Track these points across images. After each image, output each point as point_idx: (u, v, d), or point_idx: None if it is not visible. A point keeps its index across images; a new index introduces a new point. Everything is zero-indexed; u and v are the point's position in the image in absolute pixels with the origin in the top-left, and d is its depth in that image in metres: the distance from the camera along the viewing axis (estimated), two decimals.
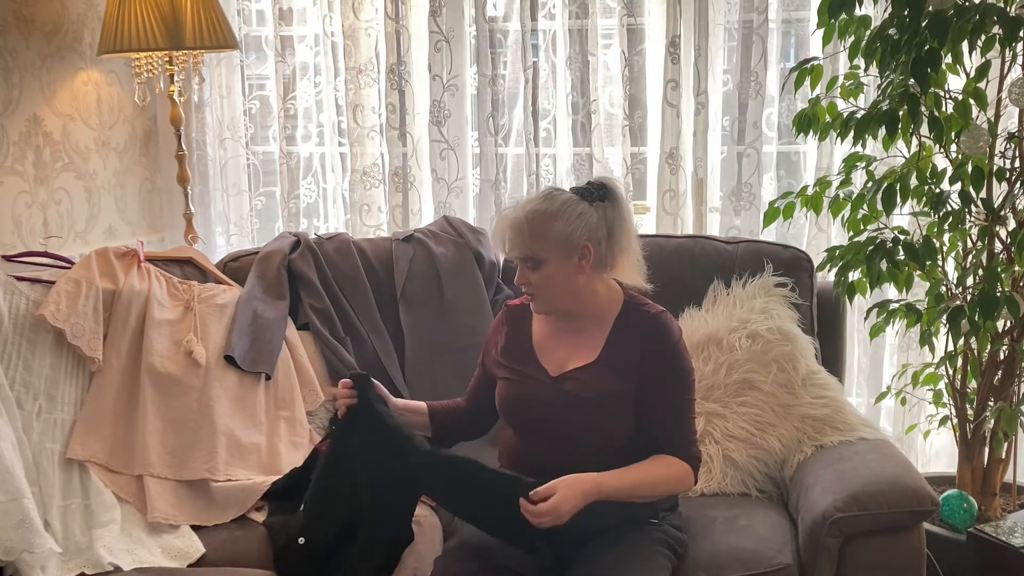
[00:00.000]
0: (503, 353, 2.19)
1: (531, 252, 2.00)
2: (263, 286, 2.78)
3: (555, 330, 2.15)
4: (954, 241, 2.63)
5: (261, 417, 2.56)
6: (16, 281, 2.39)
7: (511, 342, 2.19)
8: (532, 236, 1.99)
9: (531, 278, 2.03)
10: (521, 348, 2.16)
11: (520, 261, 2.03)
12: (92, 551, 2.14)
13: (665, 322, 2.09)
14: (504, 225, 2.03)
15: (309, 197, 3.50)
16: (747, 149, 3.13)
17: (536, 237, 1.99)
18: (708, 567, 2.09)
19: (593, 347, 2.09)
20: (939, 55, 2.26)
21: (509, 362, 2.17)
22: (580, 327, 2.11)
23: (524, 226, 2.00)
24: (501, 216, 2.07)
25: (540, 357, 2.13)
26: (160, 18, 2.92)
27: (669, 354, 2.07)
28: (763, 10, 3.04)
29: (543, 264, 2.01)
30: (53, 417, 2.33)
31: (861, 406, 3.18)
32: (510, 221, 2.02)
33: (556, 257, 2.00)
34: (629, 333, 2.08)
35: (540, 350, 2.14)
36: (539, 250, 2.00)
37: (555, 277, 2.02)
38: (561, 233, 1.99)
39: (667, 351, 2.07)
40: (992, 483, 2.68)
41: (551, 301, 2.06)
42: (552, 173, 3.32)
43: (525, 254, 2.01)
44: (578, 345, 2.10)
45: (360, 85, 3.31)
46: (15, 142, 2.86)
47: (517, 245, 2.01)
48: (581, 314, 2.10)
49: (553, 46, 3.24)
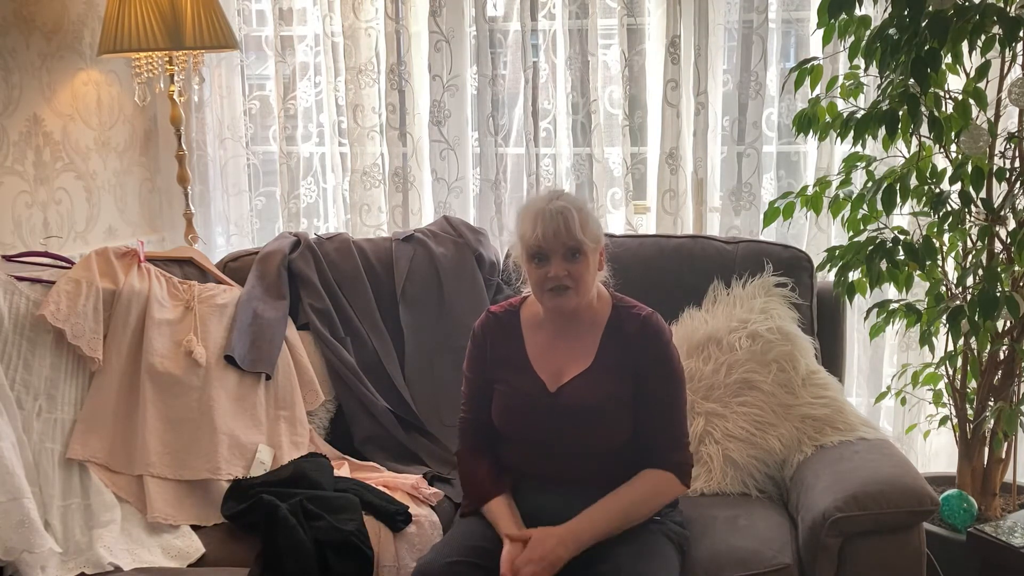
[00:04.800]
0: (496, 364, 2.16)
1: (578, 243, 2.00)
2: (263, 286, 2.78)
3: (549, 338, 2.14)
4: (954, 241, 2.63)
5: (261, 417, 2.56)
6: (16, 281, 2.39)
7: (503, 352, 2.16)
8: (582, 226, 2.00)
9: (571, 269, 2.02)
10: (516, 359, 2.14)
11: (561, 253, 2.01)
12: (92, 551, 2.14)
13: (656, 324, 2.11)
14: (548, 212, 2.00)
15: (309, 197, 3.50)
16: (747, 149, 3.13)
17: (583, 227, 2.01)
18: (708, 567, 2.09)
19: (587, 353, 2.10)
20: (939, 55, 2.26)
21: (504, 373, 2.15)
22: (575, 332, 2.11)
23: (575, 216, 2.00)
24: (537, 209, 2.03)
25: (537, 368, 2.12)
26: (160, 18, 2.92)
27: (662, 356, 2.09)
28: (763, 10, 3.04)
29: (582, 256, 2.02)
30: (53, 417, 2.33)
31: (861, 406, 3.18)
32: (557, 209, 2.00)
33: (591, 250, 2.04)
34: (621, 336, 2.09)
35: (536, 361, 2.13)
36: (585, 241, 2.01)
37: (590, 269, 2.04)
38: (595, 228, 2.05)
39: (659, 353, 2.08)
40: (992, 483, 2.67)
41: (584, 294, 2.05)
42: (552, 173, 3.32)
43: (572, 245, 2.00)
44: (573, 352, 2.10)
45: (360, 85, 3.31)
46: (15, 142, 2.86)
47: (565, 235, 1.99)
48: (579, 317, 2.11)
49: (553, 46, 3.24)
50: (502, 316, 2.20)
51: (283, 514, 2.16)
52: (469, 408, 2.22)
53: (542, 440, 2.09)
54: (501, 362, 2.16)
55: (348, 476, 2.48)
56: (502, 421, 2.14)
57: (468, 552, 2.00)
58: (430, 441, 2.70)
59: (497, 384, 2.15)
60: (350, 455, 2.66)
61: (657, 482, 2.05)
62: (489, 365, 2.17)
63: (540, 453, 2.09)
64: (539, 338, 2.15)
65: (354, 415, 2.71)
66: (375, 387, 2.73)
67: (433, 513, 2.39)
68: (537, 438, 2.09)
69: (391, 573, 2.23)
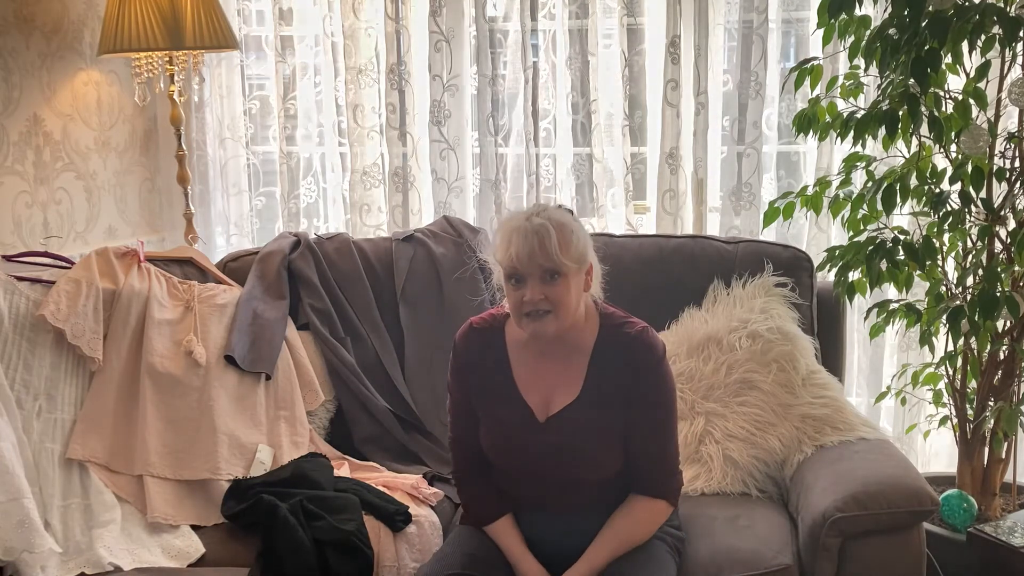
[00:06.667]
0: (482, 393, 2.05)
1: (555, 264, 1.87)
2: (263, 286, 2.78)
3: (535, 360, 2.03)
4: (954, 241, 2.63)
5: (261, 417, 2.56)
6: (16, 281, 2.39)
7: (488, 378, 2.04)
8: (560, 246, 1.87)
9: (548, 293, 1.89)
10: (503, 385, 2.03)
11: (538, 275, 1.89)
12: (92, 551, 2.14)
13: (647, 342, 1.99)
14: (525, 232, 1.88)
15: (309, 197, 3.50)
16: (747, 149, 3.13)
17: (563, 247, 1.88)
18: (708, 567, 2.09)
19: (575, 380, 2.00)
20: (939, 55, 2.26)
21: (491, 404, 2.04)
22: (562, 354, 2.01)
23: (552, 235, 1.87)
24: (513, 226, 1.90)
25: (524, 394, 2.01)
26: (160, 18, 2.92)
27: (653, 380, 1.98)
28: (763, 10, 3.04)
29: (562, 278, 1.89)
30: (53, 417, 2.33)
31: (861, 406, 3.18)
32: (534, 229, 1.87)
33: (573, 272, 1.91)
34: (610, 360, 1.99)
35: (524, 386, 2.02)
36: (564, 262, 1.88)
37: (571, 292, 1.91)
38: (580, 247, 1.92)
39: (650, 377, 1.98)
40: (992, 483, 2.67)
41: (564, 319, 1.92)
42: (552, 173, 3.32)
43: (548, 267, 1.88)
44: (560, 378, 2.01)
45: (360, 85, 3.31)
46: (15, 142, 2.86)
47: (541, 256, 1.86)
48: (564, 339, 1.99)
49: (553, 46, 3.24)
50: (485, 332, 2.08)
51: (283, 514, 2.15)
52: (456, 427, 2.12)
53: (533, 471, 2.02)
54: (485, 387, 2.05)
55: (348, 476, 2.48)
56: (492, 452, 2.06)
57: (469, 563, 1.97)
58: (430, 441, 2.71)
59: (483, 414, 2.05)
60: (350, 455, 2.66)
61: (651, 510, 2.02)
62: (473, 392, 2.06)
63: (532, 481, 2.03)
64: (525, 359, 2.03)
65: (354, 415, 2.71)
66: (375, 387, 2.73)
67: (433, 513, 2.39)
68: (528, 469, 2.03)
69: (391, 573, 2.23)
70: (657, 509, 2.03)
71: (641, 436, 1.99)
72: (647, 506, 2.02)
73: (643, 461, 2.01)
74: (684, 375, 2.55)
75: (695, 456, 2.48)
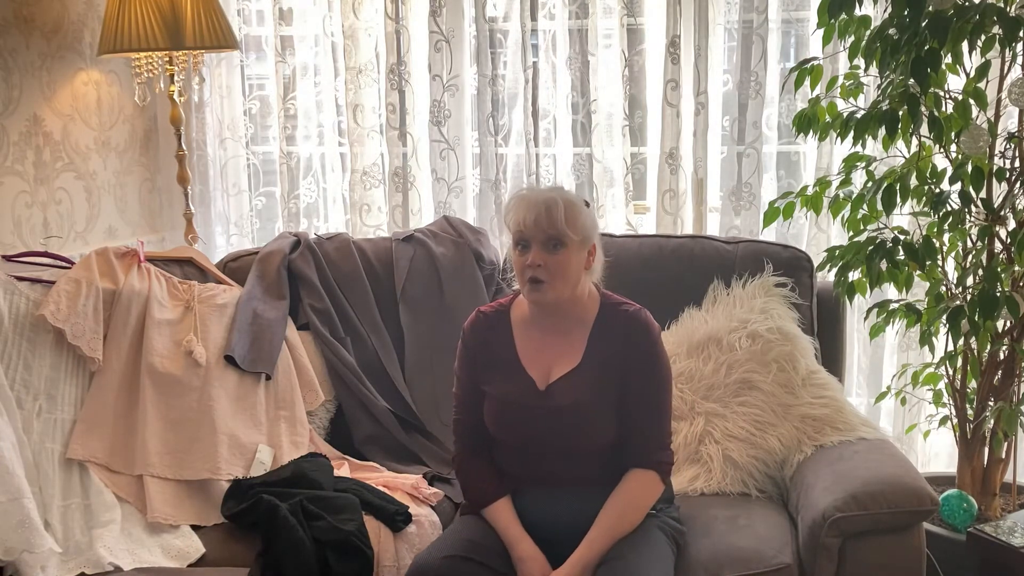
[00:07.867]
0: (486, 367, 2.15)
1: (559, 233, 1.99)
2: (263, 286, 2.78)
3: (539, 335, 2.13)
4: (954, 241, 2.63)
5: (261, 417, 2.56)
6: (16, 281, 2.39)
7: (493, 353, 2.15)
8: (566, 218, 1.99)
9: (548, 260, 2.00)
10: (506, 359, 2.13)
11: (541, 241, 2.00)
12: (92, 551, 2.14)
13: (643, 320, 2.11)
14: (534, 201, 2.00)
15: (309, 197, 3.50)
16: (747, 149, 3.13)
17: (568, 220, 2.00)
18: (708, 566, 2.09)
19: (575, 350, 2.10)
20: (939, 55, 2.26)
21: (495, 377, 2.14)
22: (564, 329, 2.11)
23: (560, 206, 1.99)
24: (524, 196, 2.04)
25: (527, 366, 2.11)
26: (160, 18, 2.92)
27: (649, 352, 2.08)
28: (763, 10, 3.04)
29: (563, 249, 2.00)
30: (53, 417, 2.33)
31: (861, 406, 3.18)
32: (543, 198, 2.00)
33: (576, 246, 2.02)
34: (609, 333, 2.09)
35: (526, 359, 2.12)
36: (567, 233, 1.99)
37: (571, 264, 2.02)
38: (585, 225, 2.03)
39: (646, 350, 2.08)
40: (992, 483, 2.67)
41: (560, 289, 2.03)
42: (552, 173, 3.32)
43: (552, 234, 1.99)
44: (561, 351, 2.10)
45: (360, 85, 3.31)
46: (15, 142, 2.86)
47: (546, 223, 1.99)
48: (567, 314, 2.10)
49: (553, 46, 3.24)
50: (491, 316, 2.19)
51: (283, 514, 2.16)
52: (461, 409, 2.20)
53: (534, 440, 2.08)
54: (491, 365, 2.14)
55: (348, 476, 2.48)
56: (494, 425, 2.13)
57: (463, 546, 2.01)
58: (430, 441, 2.71)
59: (488, 388, 2.14)
60: (350, 455, 2.66)
61: (644, 483, 2.06)
62: (479, 369, 2.15)
63: (533, 455, 2.09)
64: (529, 336, 2.14)
65: (354, 415, 2.71)
66: (375, 387, 2.73)
67: (433, 513, 2.39)
68: (529, 439, 2.09)
69: (391, 573, 2.23)
70: (649, 481, 2.06)
71: (635, 406, 2.06)
72: (639, 478, 2.06)
73: (636, 433, 2.07)
74: (684, 375, 2.55)
75: (695, 456, 2.48)
